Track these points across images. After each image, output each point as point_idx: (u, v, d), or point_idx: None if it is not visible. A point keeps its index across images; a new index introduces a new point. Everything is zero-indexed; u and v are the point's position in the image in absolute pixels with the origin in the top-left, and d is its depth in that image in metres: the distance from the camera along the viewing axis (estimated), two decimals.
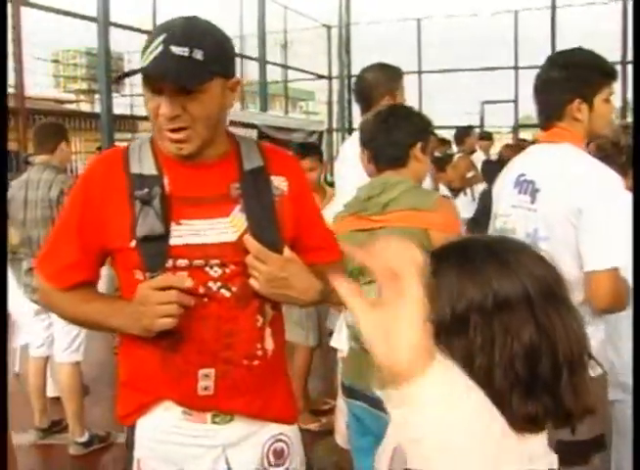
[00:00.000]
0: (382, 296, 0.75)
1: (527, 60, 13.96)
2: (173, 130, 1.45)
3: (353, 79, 3.57)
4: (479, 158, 7.44)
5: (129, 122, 14.20)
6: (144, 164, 1.54)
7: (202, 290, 1.51)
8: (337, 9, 15.58)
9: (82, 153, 12.14)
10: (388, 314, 0.74)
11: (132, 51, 14.52)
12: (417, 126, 2.33)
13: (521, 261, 1.00)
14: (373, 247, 0.81)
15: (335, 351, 2.90)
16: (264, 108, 13.43)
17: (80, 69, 16.66)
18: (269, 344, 1.60)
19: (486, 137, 8.90)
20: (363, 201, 2.21)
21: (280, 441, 1.66)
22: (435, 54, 14.94)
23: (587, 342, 1.01)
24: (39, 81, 13.32)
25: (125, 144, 1.67)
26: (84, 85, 17.09)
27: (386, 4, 18.98)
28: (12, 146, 9.30)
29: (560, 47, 13.41)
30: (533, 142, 3.26)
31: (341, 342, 2.65)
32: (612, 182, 2.08)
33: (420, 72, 15.00)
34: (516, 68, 14.28)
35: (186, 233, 1.50)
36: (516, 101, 14.28)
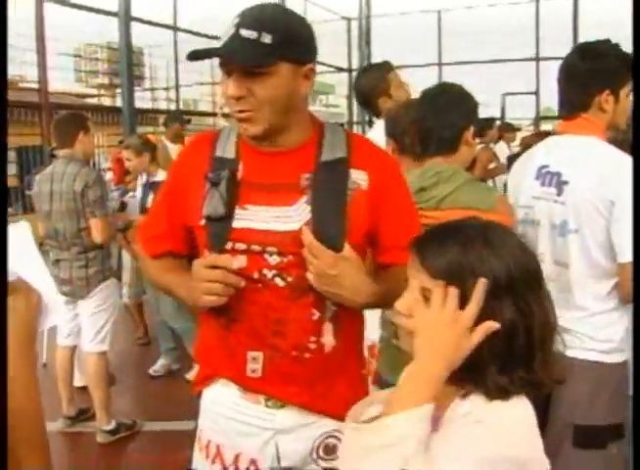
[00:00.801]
0: None
1: (549, 51, 13.89)
2: (240, 111, 1.49)
3: None
4: (501, 149, 7.42)
5: (151, 116, 14.31)
6: (226, 148, 1.61)
7: (256, 275, 1.53)
8: (357, 1, 15.56)
9: (105, 146, 12.21)
10: None
11: (153, 45, 14.63)
12: (469, 107, 2.20)
13: (507, 246, 1.15)
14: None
15: None
16: None
17: (102, 63, 16.77)
18: (329, 339, 1.58)
19: (510, 129, 8.90)
20: (415, 193, 1.98)
21: (333, 437, 1.63)
22: (456, 45, 14.87)
23: (557, 321, 1.17)
24: (62, 76, 13.46)
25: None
26: (106, 80, 17.21)
27: None
28: (36, 141, 9.43)
29: (582, 38, 13.33)
30: (553, 133, 3.25)
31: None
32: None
33: (440, 64, 14.94)
34: (537, 59, 14.16)
35: (249, 217, 1.54)
36: (537, 93, 14.16)
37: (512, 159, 6.82)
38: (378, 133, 2.74)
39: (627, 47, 2.25)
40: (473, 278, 1.10)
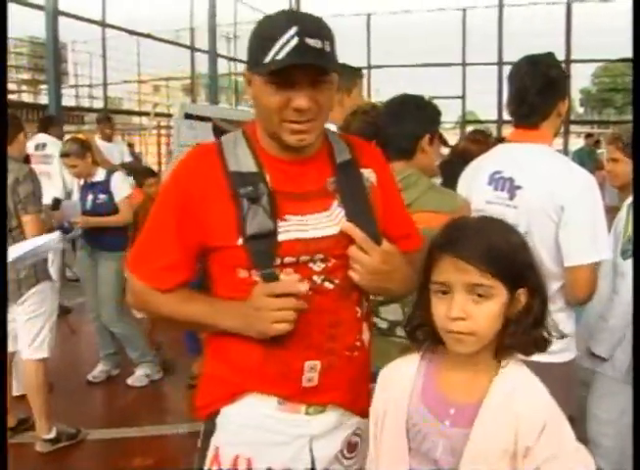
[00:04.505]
0: None
1: (474, 57, 14.29)
2: (303, 122, 1.46)
3: None
4: None
5: (75, 114, 13.90)
6: (242, 162, 1.54)
7: (307, 284, 1.51)
8: (287, 3, 15.56)
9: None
10: None
11: (77, 41, 14.24)
12: (427, 116, 2.31)
13: (517, 234, 1.35)
14: None
15: None
16: (215, 101, 13.34)
17: (24, 58, 16.20)
18: (366, 335, 1.62)
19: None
20: None
21: (356, 434, 1.65)
22: (383, 49, 15.09)
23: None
24: None
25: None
26: (28, 75, 16.63)
27: None
28: None
29: (507, 46, 13.76)
30: (501, 140, 3.36)
31: None
32: (590, 181, 2.19)
33: (369, 68, 15.12)
34: (463, 64, 14.53)
35: (292, 229, 1.50)
36: (463, 97, 14.53)
37: (445, 164, 6.97)
38: None
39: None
40: (513, 266, 1.28)
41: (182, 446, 3.76)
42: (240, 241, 1.48)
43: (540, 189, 2.18)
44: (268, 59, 1.40)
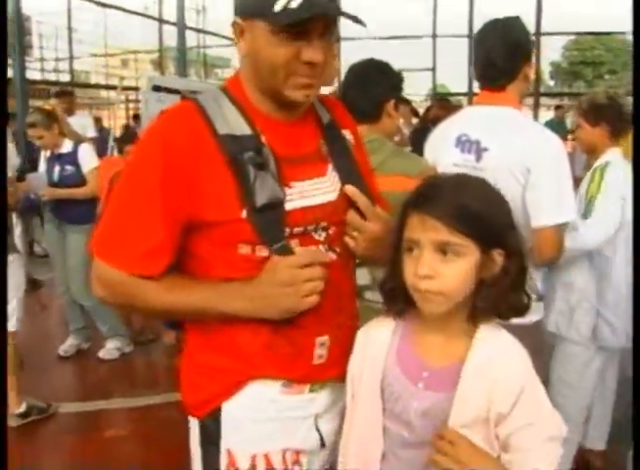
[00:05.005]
0: None
1: (445, 29, 14.25)
2: (311, 77, 1.34)
3: None
4: (401, 123, 7.58)
5: (40, 88, 13.63)
6: (233, 124, 1.36)
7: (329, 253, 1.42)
8: None
9: None
10: None
11: (45, 12, 13.95)
12: (392, 82, 2.31)
13: (495, 193, 1.33)
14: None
15: None
16: (183, 74, 13.19)
17: None
18: (357, 303, 1.57)
19: (407, 104, 9.08)
20: None
21: None
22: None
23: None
24: None
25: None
26: None
27: None
28: None
29: (477, 18, 13.74)
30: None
31: None
32: (556, 142, 2.21)
33: (339, 40, 15.00)
34: (434, 36, 14.48)
35: (296, 197, 1.37)
36: (434, 69, 14.51)
37: (415, 132, 7.00)
38: None
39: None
40: (486, 225, 1.25)
41: (154, 417, 3.77)
42: (244, 213, 1.31)
43: (507, 151, 2.19)
44: (279, 6, 1.26)
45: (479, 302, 1.27)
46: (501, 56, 2.26)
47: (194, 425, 1.47)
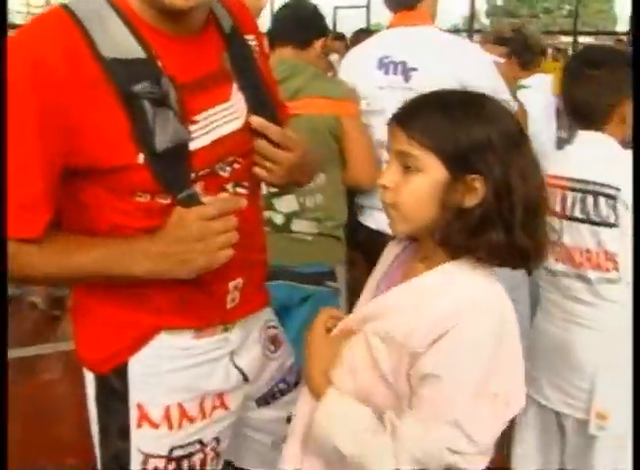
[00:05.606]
0: None
1: None
2: None
3: None
4: (335, 59, 7.52)
5: None
6: (121, 44, 1.10)
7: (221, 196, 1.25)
8: None
9: None
10: None
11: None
12: (320, 24, 2.38)
13: (490, 112, 1.13)
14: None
15: None
16: None
17: None
18: (263, 231, 1.48)
19: (342, 40, 9.00)
20: None
21: (272, 327, 1.51)
22: None
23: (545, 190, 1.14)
24: None
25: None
26: None
27: None
28: None
29: None
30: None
31: None
32: (486, 55, 2.23)
33: None
34: None
35: (200, 132, 1.17)
36: (368, 7, 14.34)
37: None
38: None
39: None
40: (453, 141, 1.09)
41: None
42: (140, 158, 1.11)
43: (437, 69, 2.18)
44: None
45: (452, 233, 1.10)
46: None
47: (91, 381, 1.32)
